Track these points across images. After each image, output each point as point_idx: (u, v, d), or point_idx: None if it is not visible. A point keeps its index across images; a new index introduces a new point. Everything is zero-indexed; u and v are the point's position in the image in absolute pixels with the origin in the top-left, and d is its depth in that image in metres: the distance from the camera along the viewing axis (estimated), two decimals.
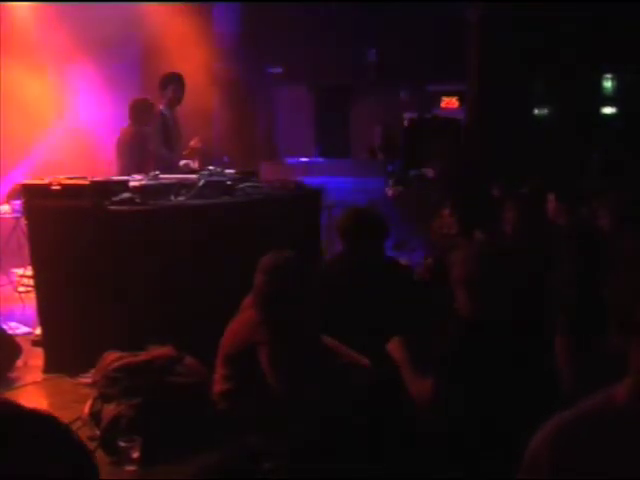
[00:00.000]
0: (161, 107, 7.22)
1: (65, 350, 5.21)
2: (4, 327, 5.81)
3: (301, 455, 3.61)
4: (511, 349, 3.26)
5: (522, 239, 4.91)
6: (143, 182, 5.46)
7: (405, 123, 12.60)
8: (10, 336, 5.58)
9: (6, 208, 7.29)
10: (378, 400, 3.83)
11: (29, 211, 5.59)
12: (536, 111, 12.80)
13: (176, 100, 7.30)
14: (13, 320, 6.35)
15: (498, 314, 3.33)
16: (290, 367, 3.83)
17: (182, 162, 7.01)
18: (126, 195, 5.11)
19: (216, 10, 10.10)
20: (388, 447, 3.46)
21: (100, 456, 3.90)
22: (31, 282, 5.92)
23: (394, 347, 3.63)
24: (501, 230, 5.18)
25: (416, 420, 3.49)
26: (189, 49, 9.68)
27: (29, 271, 6.16)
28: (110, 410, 4.02)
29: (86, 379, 4.79)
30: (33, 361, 5.44)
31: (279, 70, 12.24)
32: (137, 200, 5.12)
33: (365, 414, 3.74)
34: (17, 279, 7.20)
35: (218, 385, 3.98)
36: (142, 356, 4.33)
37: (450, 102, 13.36)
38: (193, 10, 9.89)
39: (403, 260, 5.93)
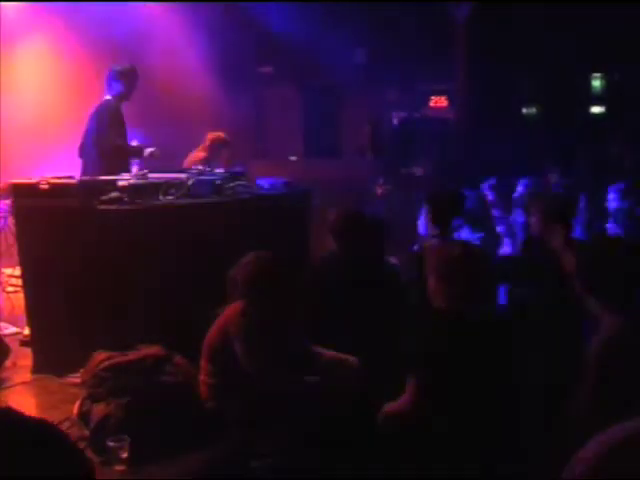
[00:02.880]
0: (110, 98, 6.91)
1: (54, 350, 5.20)
2: None
3: (289, 453, 3.62)
4: (486, 345, 3.29)
5: None
6: (131, 181, 5.44)
7: (394, 122, 12.61)
8: None
9: None
10: (366, 398, 3.85)
11: (17, 210, 5.57)
12: (524, 110, 12.84)
13: (128, 95, 7.00)
14: (1, 320, 6.33)
15: (474, 308, 3.36)
16: (264, 361, 3.87)
17: (148, 150, 6.86)
18: (114, 194, 5.10)
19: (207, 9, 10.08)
20: (375, 444, 3.47)
21: (89, 456, 3.90)
22: (19, 282, 5.90)
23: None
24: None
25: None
26: (177, 48, 9.69)
27: (17, 271, 6.14)
28: (99, 410, 4.02)
29: (75, 379, 4.79)
30: (22, 361, 5.43)
31: (268, 69, 12.23)
32: (125, 199, 5.11)
33: (352, 411, 3.77)
34: (6, 279, 7.18)
35: (203, 381, 4.01)
36: (131, 356, 4.33)
37: (439, 101, 13.37)
38: (183, 9, 9.89)
39: (392, 259, 5.94)
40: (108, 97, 6.91)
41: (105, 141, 6.74)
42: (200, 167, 6.11)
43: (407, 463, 3.17)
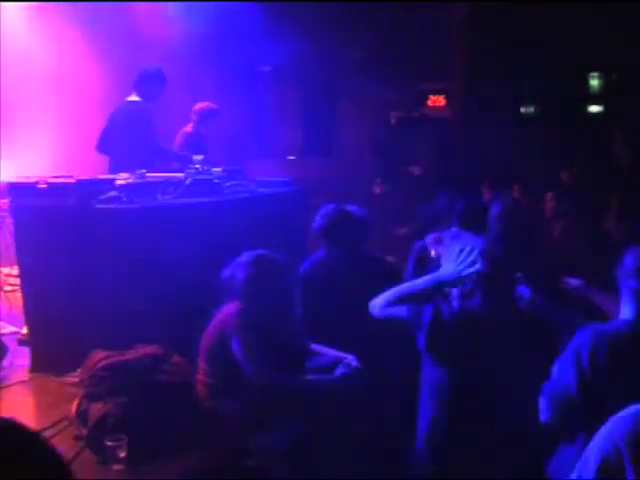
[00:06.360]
0: (140, 100, 7.08)
1: (52, 349, 5.20)
2: None
3: (287, 453, 3.63)
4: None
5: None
6: (130, 180, 5.44)
7: (392, 121, 12.61)
8: None
9: None
10: (364, 398, 3.85)
11: (15, 210, 5.57)
12: (522, 109, 12.85)
13: (158, 98, 7.23)
14: None
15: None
16: (262, 361, 3.87)
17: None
18: (113, 194, 5.10)
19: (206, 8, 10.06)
20: (374, 444, 3.47)
21: (87, 455, 3.90)
22: (17, 281, 5.90)
23: None
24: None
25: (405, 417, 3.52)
26: (176, 47, 9.67)
27: (15, 270, 6.14)
28: (97, 409, 4.02)
29: (73, 378, 4.78)
30: (19, 360, 5.42)
31: (267, 68, 12.23)
32: (124, 199, 5.11)
33: (351, 411, 3.77)
34: (4, 278, 7.17)
35: (201, 380, 4.01)
36: (129, 355, 4.33)
37: (437, 100, 13.37)
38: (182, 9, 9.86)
39: (390, 257, 5.95)
40: (137, 99, 7.01)
41: (155, 148, 6.95)
42: (198, 165, 6.10)
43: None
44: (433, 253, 5.55)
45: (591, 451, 1.91)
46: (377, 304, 3.51)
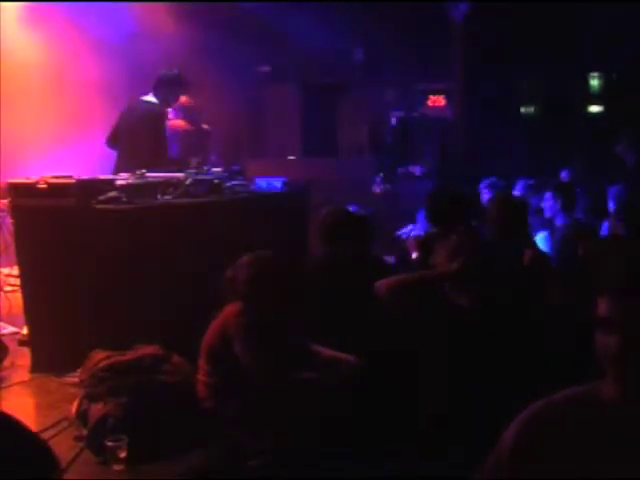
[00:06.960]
0: (157, 103, 7.20)
1: (52, 349, 5.20)
2: None
3: (287, 452, 3.63)
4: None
5: None
6: (129, 180, 5.44)
7: (393, 121, 12.60)
8: None
9: None
10: (365, 397, 3.86)
11: (15, 210, 5.57)
12: (522, 109, 12.84)
13: (172, 103, 7.38)
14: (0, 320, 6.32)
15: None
16: (264, 360, 3.87)
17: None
18: (112, 194, 5.10)
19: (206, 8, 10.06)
20: (374, 443, 3.47)
21: (87, 456, 3.90)
22: (18, 281, 5.90)
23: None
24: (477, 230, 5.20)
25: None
26: (175, 48, 9.67)
27: (15, 270, 6.14)
28: (97, 410, 4.02)
29: (73, 378, 4.78)
30: (20, 361, 5.43)
31: (267, 68, 12.21)
32: (123, 199, 5.11)
33: (351, 410, 3.77)
34: (4, 278, 7.17)
35: (202, 380, 4.01)
36: (129, 355, 4.33)
37: (437, 100, 13.34)
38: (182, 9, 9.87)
39: (388, 258, 5.94)
40: (153, 100, 7.15)
41: (164, 154, 7.05)
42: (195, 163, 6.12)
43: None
44: (415, 255, 5.58)
45: None
46: (383, 284, 3.57)
